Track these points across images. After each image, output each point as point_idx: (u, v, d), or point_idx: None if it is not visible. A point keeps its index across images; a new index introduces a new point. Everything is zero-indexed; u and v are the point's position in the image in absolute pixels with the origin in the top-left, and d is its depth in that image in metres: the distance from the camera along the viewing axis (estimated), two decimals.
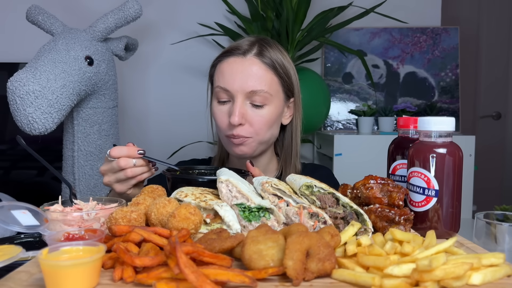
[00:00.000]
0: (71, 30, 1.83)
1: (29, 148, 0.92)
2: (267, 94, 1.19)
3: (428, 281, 0.55)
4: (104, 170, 1.06)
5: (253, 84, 1.17)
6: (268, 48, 1.23)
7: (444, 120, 0.81)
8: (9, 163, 2.42)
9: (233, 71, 1.19)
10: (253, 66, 1.19)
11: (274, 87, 1.22)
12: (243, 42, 1.25)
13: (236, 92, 1.18)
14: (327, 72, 2.71)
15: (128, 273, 0.59)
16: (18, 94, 1.51)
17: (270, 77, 1.21)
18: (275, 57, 1.22)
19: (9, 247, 0.65)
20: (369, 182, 0.86)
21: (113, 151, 1.03)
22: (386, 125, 2.54)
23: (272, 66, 1.21)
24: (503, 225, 0.81)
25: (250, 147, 1.23)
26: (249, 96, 1.18)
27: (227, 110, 1.21)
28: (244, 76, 1.18)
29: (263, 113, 1.20)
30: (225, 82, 1.19)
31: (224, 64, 1.22)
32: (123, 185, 1.06)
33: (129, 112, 2.67)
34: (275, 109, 1.22)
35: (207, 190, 0.90)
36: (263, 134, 1.22)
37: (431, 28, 2.71)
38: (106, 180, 1.07)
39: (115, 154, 1.03)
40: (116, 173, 1.04)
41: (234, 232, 0.77)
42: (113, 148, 1.04)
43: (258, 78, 1.18)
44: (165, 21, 2.64)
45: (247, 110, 1.19)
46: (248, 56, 1.20)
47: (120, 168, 1.03)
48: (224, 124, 1.21)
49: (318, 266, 0.60)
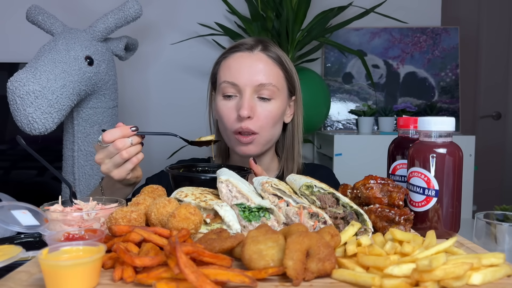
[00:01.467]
0: (71, 30, 1.83)
1: (29, 148, 0.92)
2: (274, 88, 1.21)
3: (428, 281, 0.55)
4: (100, 158, 1.02)
5: (261, 78, 1.19)
6: (273, 46, 1.27)
7: (444, 120, 0.81)
8: (9, 163, 2.42)
9: (241, 65, 1.21)
10: (260, 61, 1.22)
11: (281, 81, 1.24)
12: (247, 40, 1.28)
13: (244, 85, 1.19)
14: (327, 72, 2.71)
15: (128, 273, 0.59)
16: (18, 94, 1.51)
17: (277, 71, 1.23)
18: (280, 53, 1.26)
19: (9, 247, 0.65)
20: (369, 182, 0.86)
21: (106, 136, 1.00)
22: (386, 125, 2.54)
23: (278, 61, 1.24)
24: (503, 225, 0.81)
25: (257, 146, 1.23)
26: (257, 90, 1.20)
27: (233, 105, 1.21)
28: (252, 70, 1.20)
29: (270, 108, 1.22)
30: (232, 76, 1.20)
31: (230, 59, 1.23)
32: (122, 169, 1.02)
33: (129, 112, 2.67)
34: (281, 104, 1.24)
35: (207, 190, 0.90)
36: (268, 130, 1.23)
37: (431, 28, 2.71)
38: (104, 169, 1.03)
39: (109, 138, 0.99)
40: (113, 158, 1.01)
41: (234, 232, 0.77)
42: (105, 133, 1.00)
43: (266, 72, 1.21)
44: (165, 21, 2.64)
45: (255, 104, 1.20)
46: (255, 51, 1.23)
47: (117, 151, 1.00)
48: (231, 119, 1.21)
49: (318, 266, 0.60)
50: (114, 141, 1.00)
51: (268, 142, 1.26)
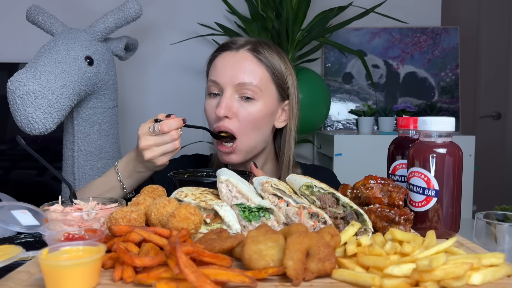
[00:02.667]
0: (71, 30, 1.83)
1: (29, 148, 0.92)
2: (256, 88, 1.18)
3: (428, 281, 0.55)
4: (148, 145, 1.06)
5: (242, 77, 1.17)
6: (265, 47, 1.23)
7: (444, 120, 0.81)
8: (9, 163, 2.42)
9: (224, 64, 1.20)
10: (245, 60, 1.20)
11: (265, 83, 1.20)
12: (240, 39, 1.26)
13: (225, 84, 1.18)
14: (327, 72, 2.71)
15: (128, 273, 0.59)
16: (18, 94, 1.51)
17: (261, 72, 1.20)
18: (268, 55, 1.22)
19: (9, 247, 0.65)
20: (369, 182, 0.86)
21: (165, 127, 1.04)
22: (386, 125, 2.53)
23: (266, 62, 1.21)
24: (503, 225, 0.81)
25: (239, 155, 1.21)
26: (238, 89, 1.18)
27: (215, 103, 1.20)
28: (235, 69, 1.18)
29: (251, 109, 1.18)
30: (216, 75, 1.20)
31: (218, 58, 1.23)
32: (167, 157, 1.08)
33: (129, 112, 2.67)
34: (264, 107, 1.20)
35: (207, 190, 0.90)
36: (248, 133, 1.19)
37: (431, 28, 2.71)
38: (149, 155, 1.06)
39: (168, 128, 1.04)
40: (164, 146, 1.06)
41: (234, 232, 0.77)
42: (163, 124, 1.05)
43: (248, 71, 1.18)
44: (165, 21, 2.64)
45: (234, 103, 1.18)
46: (241, 51, 1.21)
47: (172, 140, 1.05)
48: (212, 118, 1.21)
49: (318, 266, 0.60)
50: (170, 131, 1.05)
51: (251, 148, 1.22)
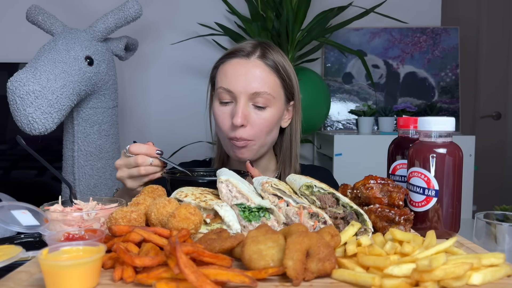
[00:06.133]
0: (71, 30, 1.83)
1: (29, 148, 0.92)
2: (269, 96, 1.20)
3: (428, 281, 0.55)
4: (119, 164, 1.08)
5: (257, 86, 1.18)
6: (271, 51, 1.24)
7: (444, 120, 0.81)
8: (9, 163, 2.42)
9: (236, 73, 1.20)
10: (256, 68, 1.20)
11: (277, 89, 1.23)
12: (246, 45, 1.25)
13: (239, 93, 1.18)
14: (327, 72, 2.71)
15: (128, 273, 0.59)
16: (18, 94, 1.51)
17: (273, 79, 1.22)
18: (277, 60, 1.23)
19: (9, 247, 0.65)
20: (369, 182, 0.86)
21: (133, 147, 1.06)
22: (386, 125, 2.54)
23: (275, 68, 1.22)
24: (503, 225, 0.81)
25: (251, 151, 1.23)
26: (251, 97, 1.19)
27: (229, 111, 1.21)
28: (248, 78, 1.18)
29: (265, 116, 1.20)
30: (228, 83, 1.20)
31: (227, 65, 1.22)
32: (135, 181, 1.08)
33: (129, 112, 2.67)
34: (276, 112, 1.23)
35: (207, 190, 0.90)
36: (263, 137, 1.22)
37: (431, 28, 2.71)
38: (119, 175, 1.08)
39: (134, 150, 1.05)
40: (131, 169, 1.06)
41: (234, 232, 0.77)
42: (133, 145, 1.06)
43: (261, 80, 1.19)
44: (165, 21, 2.64)
45: (249, 112, 1.20)
46: (252, 58, 1.21)
47: (136, 165, 1.05)
48: (226, 125, 1.21)
49: (318, 266, 0.60)
50: (137, 155, 1.05)
51: (262, 147, 1.25)
